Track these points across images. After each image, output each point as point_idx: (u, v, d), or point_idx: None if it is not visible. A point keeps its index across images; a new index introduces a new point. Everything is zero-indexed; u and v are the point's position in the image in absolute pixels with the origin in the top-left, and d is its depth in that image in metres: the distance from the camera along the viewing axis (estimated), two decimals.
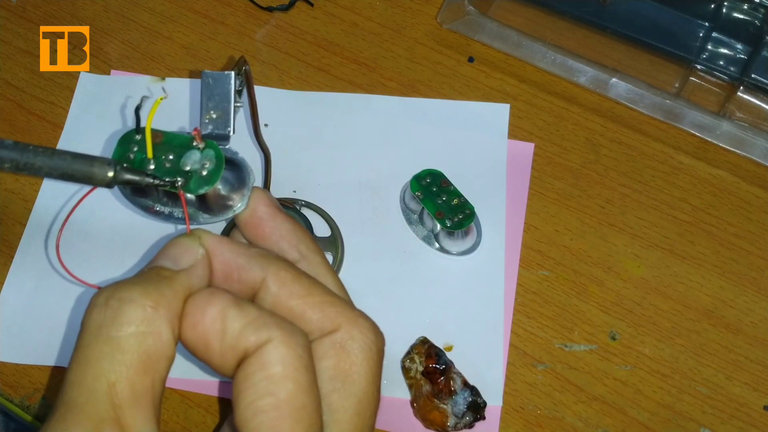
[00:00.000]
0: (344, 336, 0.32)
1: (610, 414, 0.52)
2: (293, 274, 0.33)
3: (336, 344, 0.32)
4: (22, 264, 0.57)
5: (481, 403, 0.50)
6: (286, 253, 0.36)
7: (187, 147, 0.36)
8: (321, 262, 0.36)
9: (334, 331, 0.32)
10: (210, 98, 0.41)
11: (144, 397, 0.29)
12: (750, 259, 0.57)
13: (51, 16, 0.67)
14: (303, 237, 0.36)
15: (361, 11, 0.67)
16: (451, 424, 0.50)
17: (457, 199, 0.56)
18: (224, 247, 0.33)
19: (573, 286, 0.56)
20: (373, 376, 0.33)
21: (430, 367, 0.51)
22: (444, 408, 0.50)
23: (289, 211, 0.55)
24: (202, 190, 0.35)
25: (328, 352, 0.32)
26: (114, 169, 0.34)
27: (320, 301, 0.33)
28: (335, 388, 0.32)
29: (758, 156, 0.59)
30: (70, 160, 0.33)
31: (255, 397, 0.29)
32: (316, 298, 0.33)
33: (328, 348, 0.32)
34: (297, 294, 0.32)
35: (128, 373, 0.29)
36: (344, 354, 0.32)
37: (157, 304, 0.30)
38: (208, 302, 0.30)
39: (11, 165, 0.32)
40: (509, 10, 0.66)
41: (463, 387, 0.50)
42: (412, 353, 0.52)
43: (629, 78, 0.62)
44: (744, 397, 0.52)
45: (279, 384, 0.29)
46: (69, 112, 0.63)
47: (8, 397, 0.53)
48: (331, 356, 0.32)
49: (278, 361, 0.29)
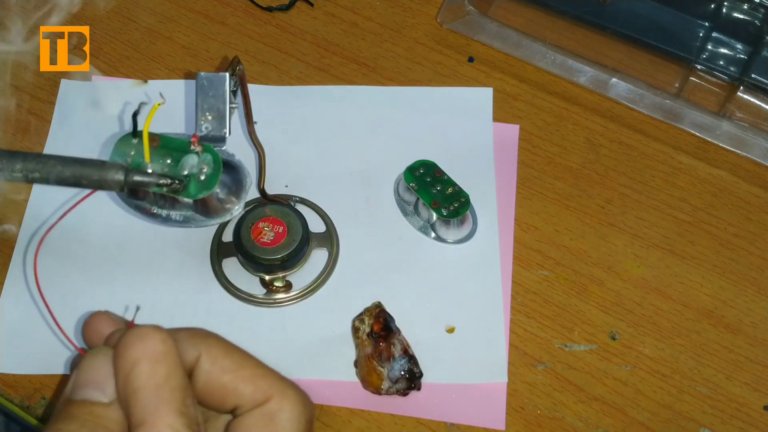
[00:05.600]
0: (274, 407, 0.33)
1: (610, 414, 0.52)
2: (224, 349, 0.33)
3: (265, 415, 0.32)
4: (18, 272, 0.56)
5: (417, 373, 0.51)
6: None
7: (184, 150, 0.36)
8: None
9: (265, 402, 0.33)
10: (205, 100, 0.41)
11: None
12: (750, 259, 0.57)
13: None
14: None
15: (361, 11, 0.67)
16: (385, 388, 0.51)
17: (452, 188, 0.56)
18: (151, 343, 0.32)
19: (573, 286, 0.56)
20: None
21: (377, 330, 0.51)
22: (381, 371, 0.51)
23: (284, 208, 0.55)
24: (201, 195, 0.35)
25: (258, 423, 0.32)
26: (125, 172, 0.34)
27: (251, 375, 0.33)
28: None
29: (758, 156, 0.59)
30: (80, 166, 0.33)
31: None
32: (247, 371, 0.33)
33: (257, 419, 0.32)
34: (228, 369, 0.33)
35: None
36: (272, 425, 0.32)
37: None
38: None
39: (22, 175, 0.32)
40: (509, 10, 0.66)
41: (403, 354, 0.51)
42: (364, 315, 0.53)
43: (629, 78, 0.62)
44: (744, 397, 0.52)
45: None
46: (52, 119, 0.62)
47: (8, 397, 0.53)
48: (261, 426, 0.32)
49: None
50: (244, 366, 0.33)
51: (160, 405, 0.29)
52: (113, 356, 0.31)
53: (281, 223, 0.54)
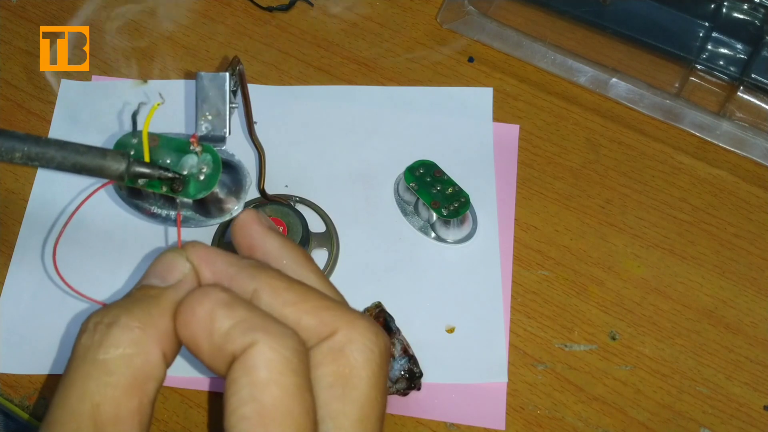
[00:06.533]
0: (342, 340, 0.30)
1: (610, 414, 0.52)
2: (286, 282, 0.32)
3: (334, 349, 0.30)
4: (18, 271, 0.56)
5: (417, 373, 0.51)
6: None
7: (184, 150, 0.36)
8: (312, 271, 0.36)
9: (332, 335, 0.31)
10: (205, 100, 0.41)
11: (129, 418, 0.29)
12: (750, 259, 0.57)
13: (51, 16, 0.67)
14: (291, 252, 0.36)
15: (361, 11, 0.67)
16: None
17: (452, 188, 0.56)
18: (214, 259, 0.32)
19: (573, 286, 0.56)
20: (376, 379, 0.31)
21: None
22: None
23: (284, 208, 0.55)
24: (200, 195, 0.35)
25: (327, 358, 0.30)
26: (127, 161, 0.33)
27: (315, 307, 0.31)
28: (335, 395, 0.30)
29: (758, 156, 0.59)
30: (82, 152, 0.32)
31: (239, 403, 0.28)
32: (310, 303, 0.31)
33: (326, 354, 0.30)
34: (290, 302, 0.31)
35: (114, 394, 0.28)
36: (343, 358, 0.30)
37: (145, 324, 0.29)
38: (199, 301, 0.30)
39: (22, 155, 0.31)
40: (509, 10, 0.66)
41: (403, 354, 0.51)
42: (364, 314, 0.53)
43: (629, 78, 0.62)
44: (744, 397, 0.52)
45: (263, 389, 0.28)
46: (52, 120, 0.62)
47: (8, 397, 0.53)
48: (330, 362, 0.30)
49: (263, 365, 0.28)
50: (306, 299, 0.31)
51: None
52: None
53: (281, 223, 0.54)
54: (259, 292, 0.31)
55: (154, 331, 0.30)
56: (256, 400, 0.28)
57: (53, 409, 0.29)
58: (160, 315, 0.30)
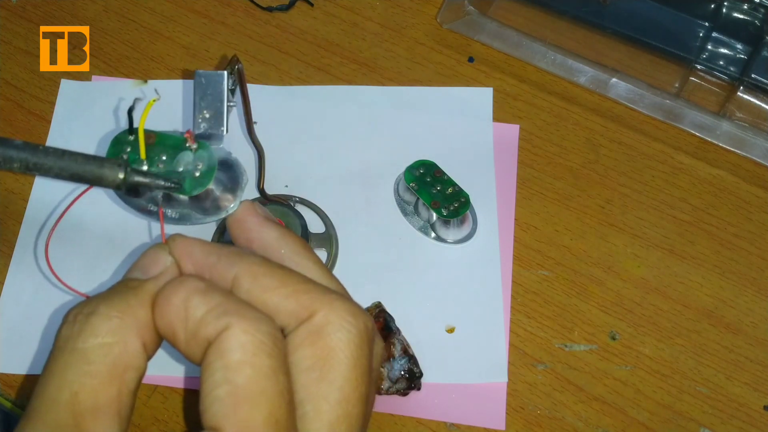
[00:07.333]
0: (320, 321, 0.30)
1: (610, 414, 0.52)
2: (265, 268, 0.32)
3: (312, 332, 0.30)
4: (18, 271, 0.56)
5: (417, 373, 0.51)
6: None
7: (180, 148, 0.36)
8: (311, 260, 0.35)
9: (310, 317, 0.30)
10: (203, 98, 0.41)
11: (108, 407, 0.29)
12: (750, 259, 0.57)
13: (51, 16, 0.67)
14: (289, 242, 0.36)
15: (361, 11, 0.67)
16: (385, 388, 0.51)
17: (452, 188, 0.56)
18: (193, 249, 0.33)
19: (573, 286, 0.56)
20: (356, 360, 0.30)
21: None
22: (381, 371, 0.51)
23: (283, 208, 0.55)
24: (195, 191, 0.35)
25: (305, 341, 0.30)
26: (124, 171, 0.33)
27: (294, 290, 0.31)
28: (314, 378, 0.30)
29: (758, 156, 0.59)
30: (80, 161, 0.32)
31: (213, 386, 0.28)
32: (290, 288, 0.31)
33: (304, 336, 0.30)
34: (270, 287, 0.31)
35: (92, 383, 0.29)
36: (321, 341, 0.30)
37: (123, 314, 0.30)
38: (175, 290, 0.30)
39: (20, 165, 0.32)
40: (509, 10, 0.66)
41: (402, 354, 0.51)
42: None
43: (629, 78, 0.61)
44: (744, 397, 0.52)
45: (236, 371, 0.28)
46: (52, 120, 0.62)
47: (7, 396, 0.53)
48: (308, 344, 0.30)
49: (237, 347, 0.28)
50: (286, 283, 0.31)
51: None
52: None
53: (281, 223, 0.54)
54: (239, 278, 0.31)
55: (133, 321, 0.30)
56: (230, 381, 0.28)
57: (33, 399, 0.29)
58: (139, 305, 0.30)
